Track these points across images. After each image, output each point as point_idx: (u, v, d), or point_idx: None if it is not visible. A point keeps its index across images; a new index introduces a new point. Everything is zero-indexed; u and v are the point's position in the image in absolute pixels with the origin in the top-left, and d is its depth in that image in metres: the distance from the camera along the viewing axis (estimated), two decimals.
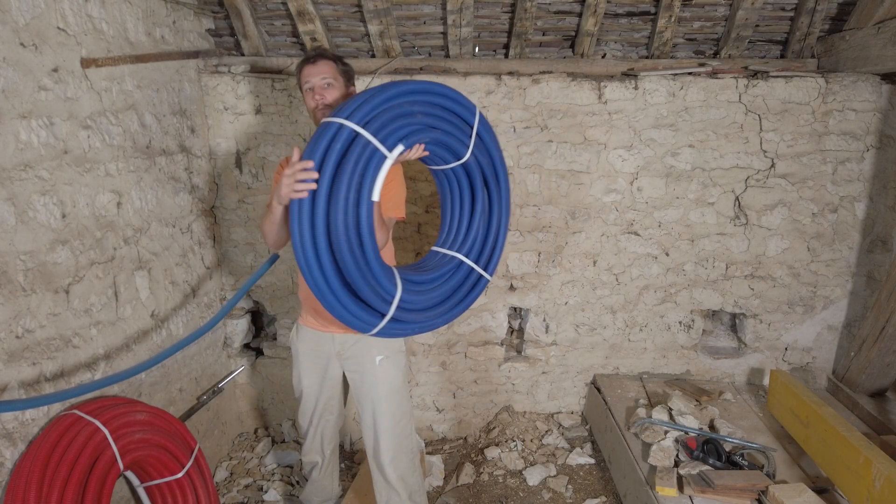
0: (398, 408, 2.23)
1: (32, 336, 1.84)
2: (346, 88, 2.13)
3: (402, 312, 1.84)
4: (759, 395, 3.19)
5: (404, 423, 2.26)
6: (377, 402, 2.21)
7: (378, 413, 2.21)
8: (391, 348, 2.23)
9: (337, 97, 2.08)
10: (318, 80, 2.05)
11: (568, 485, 2.90)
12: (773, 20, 2.97)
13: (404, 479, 2.26)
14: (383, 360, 2.21)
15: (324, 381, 2.32)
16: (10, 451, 1.76)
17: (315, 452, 2.47)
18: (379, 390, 2.21)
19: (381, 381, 2.21)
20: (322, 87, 2.05)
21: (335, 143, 1.64)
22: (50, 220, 1.91)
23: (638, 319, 3.28)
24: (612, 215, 3.15)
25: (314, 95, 2.06)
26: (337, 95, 2.08)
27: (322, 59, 2.07)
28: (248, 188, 3.12)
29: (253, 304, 3.36)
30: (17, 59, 1.78)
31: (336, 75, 2.08)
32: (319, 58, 2.07)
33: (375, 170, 1.68)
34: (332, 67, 2.08)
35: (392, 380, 2.22)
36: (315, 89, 2.06)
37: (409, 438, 2.29)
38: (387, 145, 1.68)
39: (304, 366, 2.32)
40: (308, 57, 2.09)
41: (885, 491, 2.01)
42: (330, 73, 2.07)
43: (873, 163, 3.07)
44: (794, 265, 3.19)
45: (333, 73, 2.08)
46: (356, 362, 2.23)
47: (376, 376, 2.21)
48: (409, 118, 1.75)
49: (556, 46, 3.12)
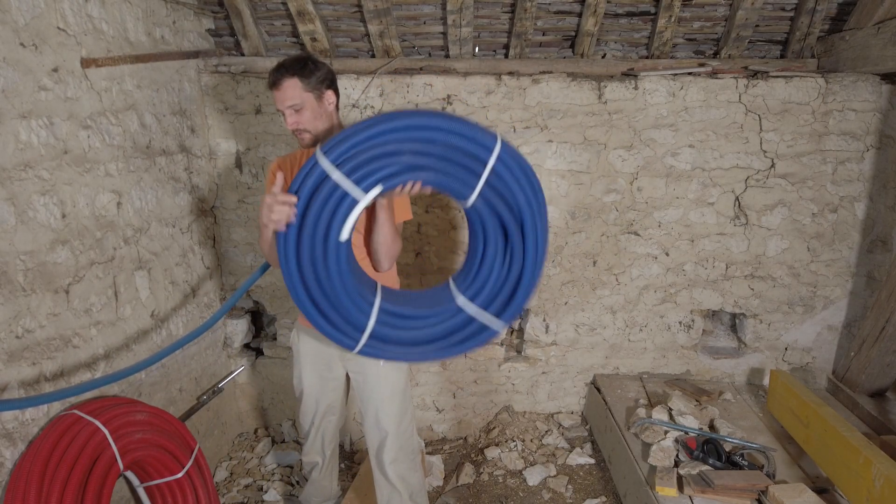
0: (400, 409, 2.23)
1: (32, 336, 1.84)
2: (319, 101, 1.99)
3: (378, 342, 1.77)
4: (759, 395, 3.19)
5: (406, 424, 2.26)
6: (380, 404, 2.21)
7: (381, 414, 2.21)
8: None
9: (310, 116, 1.97)
10: (285, 107, 1.96)
11: (568, 485, 2.90)
12: (773, 20, 2.97)
13: (405, 480, 2.26)
14: (387, 361, 2.19)
15: (325, 381, 2.31)
16: (10, 451, 1.76)
17: (315, 453, 2.47)
18: (382, 392, 2.21)
19: (384, 382, 2.20)
20: (292, 114, 1.96)
21: (307, 180, 1.62)
22: (50, 220, 1.91)
23: (638, 319, 3.28)
24: (612, 215, 3.15)
25: (287, 121, 1.98)
26: (309, 115, 1.97)
27: (284, 79, 1.93)
28: (248, 188, 3.12)
29: (253, 304, 3.36)
30: (17, 59, 1.78)
31: (303, 93, 1.95)
32: (281, 79, 1.94)
33: (345, 212, 1.62)
34: (296, 88, 1.94)
35: (395, 381, 2.21)
36: (286, 116, 1.97)
37: (410, 439, 2.29)
38: (362, 186, 1.60)
39: (305, 366, 2.31)
40: (269, 79, 1.97)
41: (885, 491, 2.01)
42: (296, 96, 1.94)
43: (873, 163, 3.07)
44: (794, 265, 3.19)
45: (299, 93, 1.94)
46: (359, 363, 2.22)
47: (379, 377, 2.20)
48: (393, 158, 1.61)
49: (556, 46, 3.12)
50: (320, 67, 2.00)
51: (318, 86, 1.98)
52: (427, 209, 3.13)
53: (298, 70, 1.95)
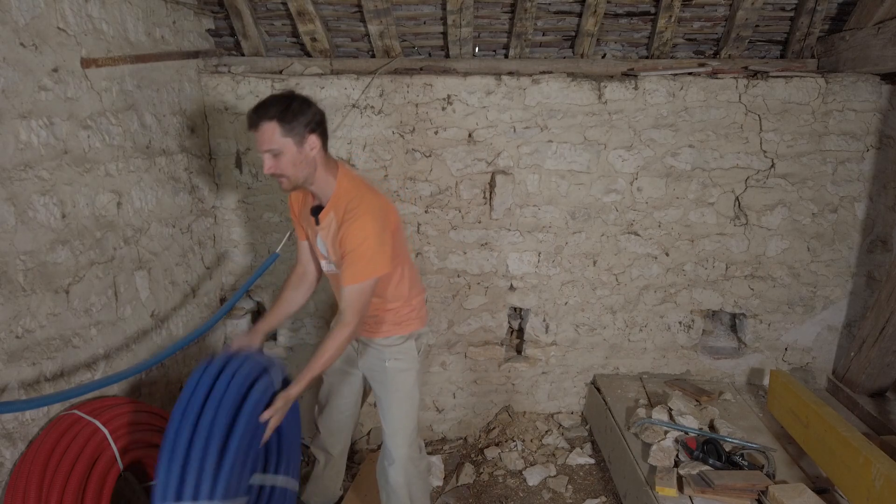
0: (399, 411, 2.25)
1: (32, 336, 1.84)
2: (300, 147, 1.87)
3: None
4: (759, 395, 3.19)
5: (407, 428, 2.28)
6: (384, 405, 2.27)
7: (383, 415, 2.27)
8: (400, 356, 2.24)
9: (288, 162, 1.87)
10: (262, 151, 1.86)
11: (568, 485, 2.90)
12: (773, 20, 2.97)
13: (409, 485, 2.29)
14: (391, 363, 2.22)
15: (344, 375, 2.37)
16: (10, 451, 1.76)
17: (320, 449, 2.50)
18: (384, 393, 2.26)
19: (390, 385, 2.24)
20: (269, 158, 1.86)
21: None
22: (50, 220, 1.91)
23: (638, 319, 3.28)
24: (612, 215, 3.15)
25: (265, 165, 1.89)
26: (287, 161, 1.87)
27: (262, 122, 1.82)
28: (248, 188, 3.12)
29: (253, 304, 3.36)
30: (17, 59, 1.78)
31: (282, 138, 1.83)
32: (259, 121, 1.83)
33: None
34: (275, 132, 1.82)
35: (398, 384, 2.24)
36: (264, 160, 1.89)
37: (413, 444, 2.31)
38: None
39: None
40: (249, 120, 1.87)
41: (885, 491, 2.01)
42: (274, 141, 1.83)
43: (873, 163, 3.07)
44: (794, 265, 3.19)
45: (278, 138, 1.83)
46: (369, 363, 2.28)
47: (386, 380, 2.24)
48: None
49: (556, 46, 3.12)
50: (305, 111, 1.87)
51: (301, 130, 1.86)
52: (427, 209, 3.13)
53: (279, 113, 1.83)
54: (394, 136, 3.05)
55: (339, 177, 2.01)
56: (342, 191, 1.99)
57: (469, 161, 3.07)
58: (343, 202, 1.98)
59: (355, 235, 1.93)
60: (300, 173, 1.91)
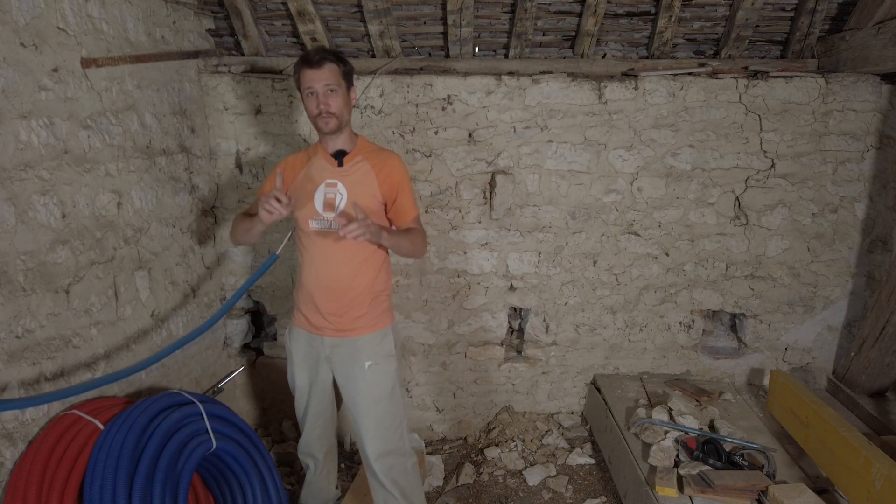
0: (385, 412, 2.20)
1: (32, 336, 1.84)
2: (347, 92, 2.07)
3: None
4: (759, 395, 3.19)
5: (394, 428, 2.22)
6: (365, 408, 2.19)
7: (364, 417, 2.19)
8: (380, 354, 2.20)
9: (340, 104, 2.02)
10: (321, 86, 1.98)
11: (568, 485, 2.90)
12: (773, 20, 2.97)
13: (397, 483, 2.23)
14: (372, 365, 2.18)
15: (314, 383, 2.31)
16: (10, 451, 1.76)
17: (306, 454, 2.48)
18: (367, 396, 2.18)
19: (368, 386, 2.18)
20: (325, 94, 1.99)
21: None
22: (50, 220, 1.91)
23: (638, 320, 3.28)
24: (612, 215, 3.15)
25: (317, 102, 2.00)
26: (340, 103, 2.02)
27: (326, 62, 1.98)
28: (248, 188, 3.12)
29: (253, 304, 3.36)
30: (17, 59, 1.78)
31: (339, 80, 2.02)
32: (323, 61, 1.98)
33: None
34: (335, 72, 2.00)
35: (380, 384, 2.19)
36: (318, 96, 1.99)
37: (400, 441, 2.25)
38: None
39: (297, 366, 2.32)
40: (310, 58, 1.99)
41: (885, 491, 2.01)
42: (333, 79, 1.99)
43: (873, 163, 3.07)
44: (794, 265, 3.19)
45: (337, 78, 2.00)
46: (344, 366, 2.21)
47: (365, 381, 2.18)
48: None
49: (556, 46, 3.12)
50: (350, 64, 2.12)
51: (349, 78, 2.09)
52: (427, 209, 3.13)
53: (338, 58, 2.04)
54: (394, 136, 3.05)
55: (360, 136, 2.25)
56: (366, 142, 2.24)
57: (469, 161, 3.07)
58: (370, 148, 2.21)
59: (402, 167, 2.18)
60: (345, 116, 2.09)
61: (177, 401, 2.11)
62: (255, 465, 2.30)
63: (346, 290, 2.15)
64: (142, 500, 1.79)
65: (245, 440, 2.29)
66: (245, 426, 2.33)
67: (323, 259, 2.14)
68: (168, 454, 1.92)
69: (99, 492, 1.75)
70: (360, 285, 2.15)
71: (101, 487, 1.75)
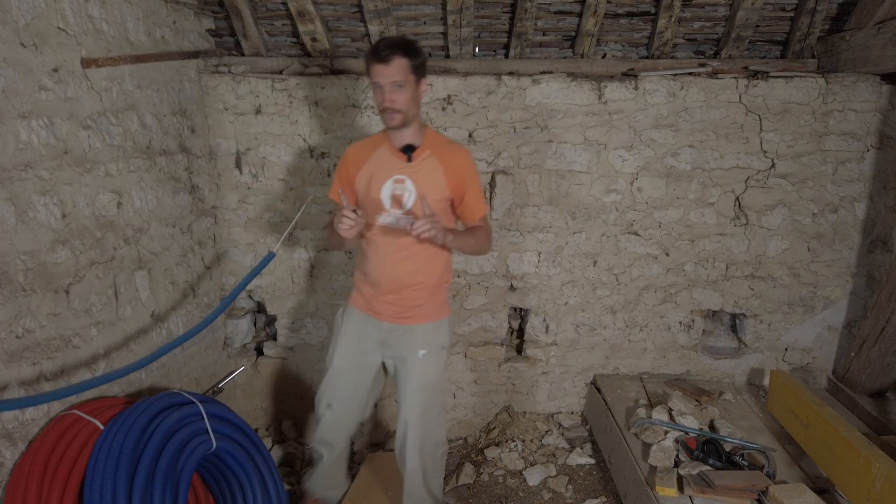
0: (430, 400, 2.25)
1: (32, 336, 1.84)
2: (417, 86, 2.03)
3: None
4: (759, 395, 3.19)
5: (434, 415, 2.28)
6: (411, 394, 2.23)
7: (409, 403, 2.23)
8: (435, 344, 2.24)
9: (407, 99, 1.99)
10: (388, 82, 1.96)
11: (568, 485, 2.90)
12: (774, 20, 2.97)
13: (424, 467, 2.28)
14: (426, 354, 2.21)
15: (357, 365, 2.30)
16: (10, 451, 1.76)
17: (323, 443, 2.43)
18: (414, 382, 2.22)
19: (419, 373, 2.22)
20: (391, 91, 1.97)
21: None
22: (50, 220, 1.91)
23: (638, 320, 3.28)
24: (613, 215, 3.15)
25: (383, 97, 1.98)
26: (407, 97, 1.99)
27: (395, 57, 1.94)
28: (248, 188, 3.12)
29: (254, 304, 3.36)
30: (17, 59, 1.78)
31: (407, 75, 1.97)
32: (392, 56, 1.93)
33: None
34: (403, 67, 1.95)
35: (430, 373, 2.24)
36: (384, 90, 1.98)
37: (437, 430, 2.31)
38: None
39: (341, 345, 2.30)
40: (379, 53, 1.96)
41: (885, 491, 2.01)
42: (401, 75, 1.95)
43: (873, 163, 3.07)
44: (794, 265, 3.19)
45: (405, 73, 1.96)
46: (398, 351, 2.25)
47: (416, 368, 2.22)
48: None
49: (556, 46, 3.12)
50: (423, 54, 2.05)
51: (420, 71, 2.03)
52: None
53: (409, 51, 1.98)
54: None
55: (428, 127, 2.23)
56: (434, 134, 2.21)
57: None
58: (439, 141, 2.19)
59: (470, 163, 2.16)
60: (412, 111, 2.05)
61: (177, 401, 2.11)
62: (255, 465, 2.29)
63: (409, 283, 2.18)
64: (142, 500, 1.79)
65: (245, 440, 2.29)
66: (245, 426, 2.33)
67: (387, 253, 2.17)
68: (168, 454, 1.92)
69: (99, 492, 1.75)
70: (422, 280, 2.19)
71: (101, 487, 1.75)
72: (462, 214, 2.21)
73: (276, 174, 3.10)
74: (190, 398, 2.16)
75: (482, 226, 2.21)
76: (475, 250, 2.23)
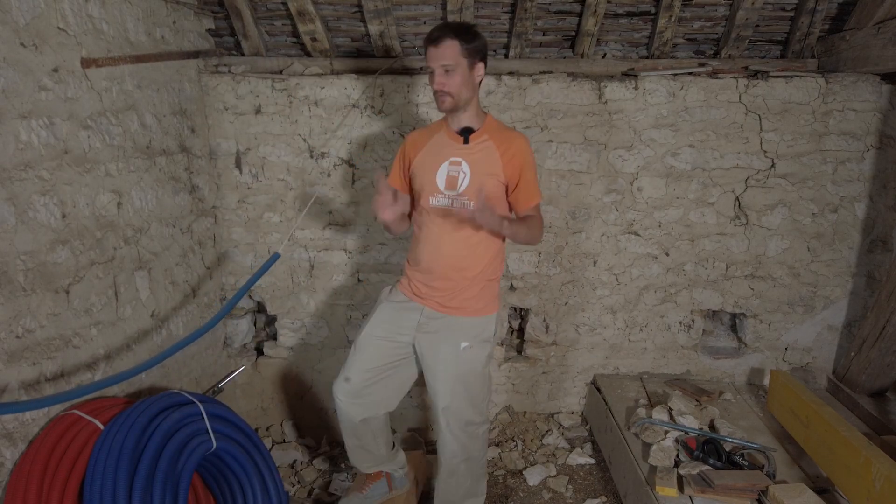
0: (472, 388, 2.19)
1: (32, 336, 1.84)
2: (471, 69, 2.01)
3: None
4: (759, 395, 3.19)
5: (477, 402, 2.23)
6: (446, 385, 2.16)
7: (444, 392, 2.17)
8: (478, 337, 2.18)
9: (459, 83, 1.98)
10: (438, 66, 1.96)
11: (568, 485, 2.90)
12: (774, 20, 2.97)
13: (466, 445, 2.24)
14: (467, 347, 2.15)
15: (386, 337, 2.22)
16: (10, 451, 1.76)
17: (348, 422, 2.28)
18: (454, 372, 2.15)
19: (459, 364, 2.15)
20: (442, 73, 1.96)
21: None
22: (50, 220, 1.91)
23: (638, 319, 3.28)
24: (613, 215, 3.15)
25: (434, 81, 1.98)
26: (459, 81, 1.98)
27: (445, 38, 1.93)
28: (248, 188, 3.12)
29: (254, 304, 3.36)
30: (17, 59, 1.78)
31: (459, 57, 1.95)
32: (442, 38, 1.93)
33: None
34: (454, 50, 1.94)
35: (471, 365, 2.17)
36: (435, 75, 1.97)
37: (480, 416, 2.25)
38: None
39: (374, 320, 2.24)
40: (431, 34, 1.96)
41: (885, 491, 2.01)
42: (452, 59, 1.94)
43: (873, 163, 3.07)
44: (794, 265, 3.19)
45: (456, 56, 1.95)
46: (435, 339, 2.17)
47: (456, 360, 2.15)
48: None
49: (556, 46, 3.12)
50: (480, 38, 2.03)
51: (474, 54, 2.00)
52: None
53: (461, 33, 1.96)
54: (394, 136, 3.05)
55: (488, 113, 2.21)
56: (493, 121, 2.20)
57: None
58: (497, 126, 2.18)
59: (527, 149, 2.15)
60: (463, 94, 2.03)
61: (177, 401, 2.12)
62: (255, 465, 2.29)
63: (460, 269, 2.15)
64: (142, 499, 1.79)
65: (245, 440, 2.29)
66: (245, 426, 2.33)
67: (440, 236, 2.14)
68: (168, 454, 1.92)
69: (99, 492, 1.75)
70: (474, 267, 2.15)
71: (102, 487, 1.75)
72: (515, 201, 2.18)
73: (276, 174, 3.10)
74: (190, 398, 2.16)
75: (535, 215, 2.18)
76: (528, 239, 2.17)
